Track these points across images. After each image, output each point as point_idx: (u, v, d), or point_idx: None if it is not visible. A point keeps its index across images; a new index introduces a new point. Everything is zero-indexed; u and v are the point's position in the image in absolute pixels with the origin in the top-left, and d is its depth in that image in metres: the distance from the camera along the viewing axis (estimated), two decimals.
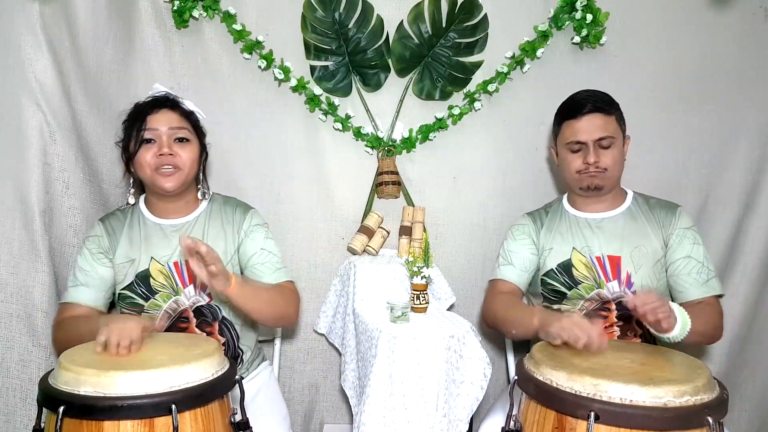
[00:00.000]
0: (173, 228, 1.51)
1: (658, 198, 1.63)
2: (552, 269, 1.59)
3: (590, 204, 1.61)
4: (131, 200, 1.52)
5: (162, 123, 1.45)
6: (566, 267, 1.57)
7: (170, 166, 1.44)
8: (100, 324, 1.22)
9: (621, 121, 1.58)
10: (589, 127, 1.52)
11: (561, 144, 1.60)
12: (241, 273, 1.55)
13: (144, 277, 1.46)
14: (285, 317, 1.51)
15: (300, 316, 1.63)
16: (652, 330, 1.31)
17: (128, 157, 1.46)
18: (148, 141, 1.44)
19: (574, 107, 1.56)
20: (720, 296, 1.52)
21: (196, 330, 1.47)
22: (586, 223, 1.60)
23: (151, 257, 1.47)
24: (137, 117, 1.45)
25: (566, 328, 1.24)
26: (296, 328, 2.01)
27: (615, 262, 1.53)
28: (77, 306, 1.45)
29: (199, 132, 1.53)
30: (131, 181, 1.51)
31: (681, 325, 1.29)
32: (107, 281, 1.48)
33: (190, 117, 1.51)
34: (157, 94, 1.51)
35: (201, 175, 1.55)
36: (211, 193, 1.59)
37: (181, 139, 1.46)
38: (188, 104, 1.53)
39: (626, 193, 1.64)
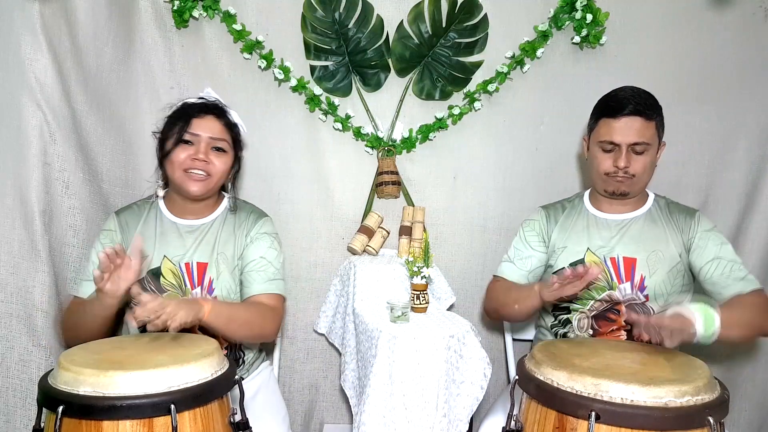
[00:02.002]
0: (189, 228, 1.51)
1: (677, 202, 1.62)
2: (564, 268, 1.55)
3: (612, 205, 1.59)
4: (160, 193, 1.53)
5: (205, 129, 1.45)
6: None
7: (201, 171, 1.44)
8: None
9: (660, 127, 1.53)
10: (625, 129, 1.47)
11: (594, 140, 1.55)
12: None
13: (155, 275, 1.46)
14: (261, 337, 1.51)
15: (279, 332, 1.62)
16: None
17: (163, 153, 1.46)
18: (186, 142, 1.45)
19: (614, 105, 1.49)
20: (761, 290, 1.46)
21: (199, 332, 1.47)
22: (606, 223, 1.58)
23: (164, 255, 1.47)
24: (182, 117, 1.46)
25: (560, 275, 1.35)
26: (296, 329, 2.01)
27: (630, 264, 1.52)
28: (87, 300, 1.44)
29: (237, 145, 1.53)
30: (160, 173, 1.51)
31: (703, 321, 1.22)
32: None
33: (232, 129, 1.52)
34: (208, 99, 1.51)
35: (230, 185, 1.56)
36: (236, 203, 1.59)
37: (218, 149, 1.47)
38: (234, 116, 1.54)
39: (648, 195, 1.62)
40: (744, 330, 1.34)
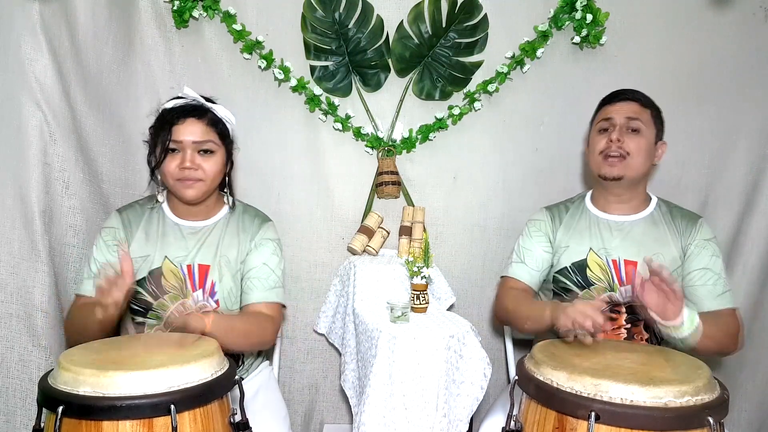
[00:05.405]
0: (191, 230, 1.50)
1: (681, 207, 1.62)
2: (566, 267, 1.57)
3: (612, 204, 1.59)
4: (161, 198, 1.52)
5: (187, 134, 1.41)
6: (581, 267, 1.55)
7: (191, 180, 1.42)
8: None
9: (658, 120, 1.58)
10: (621, 109, 1.55)
11: (594, 129, 1.60)
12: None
13: (156, 276, 1.46)
14: (259, 345, 1.52)
15: (276, 339, 1.62)
16: (658, 320, 1.29)
17: (154, 165, 1.44)
18: (173, 150, 1.42)
19: (613, 94, 1.60)
20: (734, 310, 1.49)
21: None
22: (607, 224, 1.58)
23: (165, 256, 1.47)
24: (163, 126, 1.42)
25: (570, 317, 1.27)
26: (296, 328, 2.01)
27: (631, 267, 1.52)
28: (90, 298, 1.42)
29: (226, 140, 1.48)
30: (159, 179, 1.49)
31: (689, 318, 1.26)
32: None
33: (217, 126, 1.45)
34: (186, 100, 1.45)
35: (227, 183, 1.53)
36: (233, 201, 1.57)
37: (205, 151, 1.43)
38: (219, 111, 1.47)
39: (650, 199, 1.62)
40: (711, 344, 1.35)
